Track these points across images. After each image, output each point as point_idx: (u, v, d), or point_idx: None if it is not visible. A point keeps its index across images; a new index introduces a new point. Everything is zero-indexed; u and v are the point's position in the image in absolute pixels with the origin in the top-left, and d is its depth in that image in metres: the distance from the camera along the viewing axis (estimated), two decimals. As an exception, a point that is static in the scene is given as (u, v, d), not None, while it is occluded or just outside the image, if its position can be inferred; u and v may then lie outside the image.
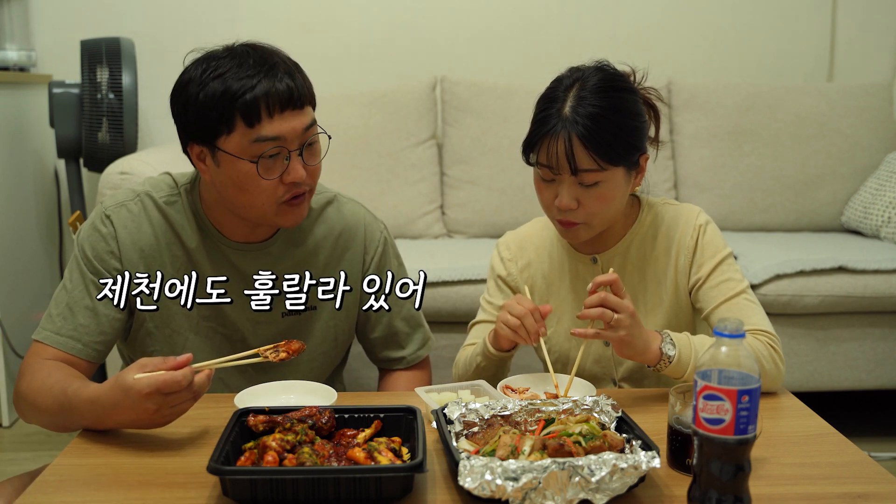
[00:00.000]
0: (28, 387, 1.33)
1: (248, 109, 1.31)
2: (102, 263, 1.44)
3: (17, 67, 3.17)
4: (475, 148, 3.11)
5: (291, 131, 1.35)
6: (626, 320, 1.31)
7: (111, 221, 1.45)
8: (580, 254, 1.56)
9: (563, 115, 1.38)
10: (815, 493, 1.08)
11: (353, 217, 1.59)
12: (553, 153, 1.39)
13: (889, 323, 2.58)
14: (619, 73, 1.47)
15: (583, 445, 1.07)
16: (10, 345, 2.83)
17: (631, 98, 1.44)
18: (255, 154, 1.33)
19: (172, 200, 1.48)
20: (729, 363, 0.97)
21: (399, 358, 1.63)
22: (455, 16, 3.38)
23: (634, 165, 1.44)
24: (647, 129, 1.48)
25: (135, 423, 1.20)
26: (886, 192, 2.96)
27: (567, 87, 1.42)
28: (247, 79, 1.32)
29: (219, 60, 1.34)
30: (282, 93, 1.33)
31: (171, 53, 3.29)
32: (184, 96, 1.36)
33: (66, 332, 1.40)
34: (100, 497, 1.07)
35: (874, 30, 3.50)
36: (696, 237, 1.50)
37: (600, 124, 1.37)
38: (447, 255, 2.71)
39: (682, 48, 3.43)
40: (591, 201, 1.41)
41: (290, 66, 1.38)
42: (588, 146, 1.36)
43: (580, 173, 1.38)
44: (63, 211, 3.35)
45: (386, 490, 1.02)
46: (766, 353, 1.39)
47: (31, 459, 2.53)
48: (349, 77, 3.32)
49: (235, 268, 1.49)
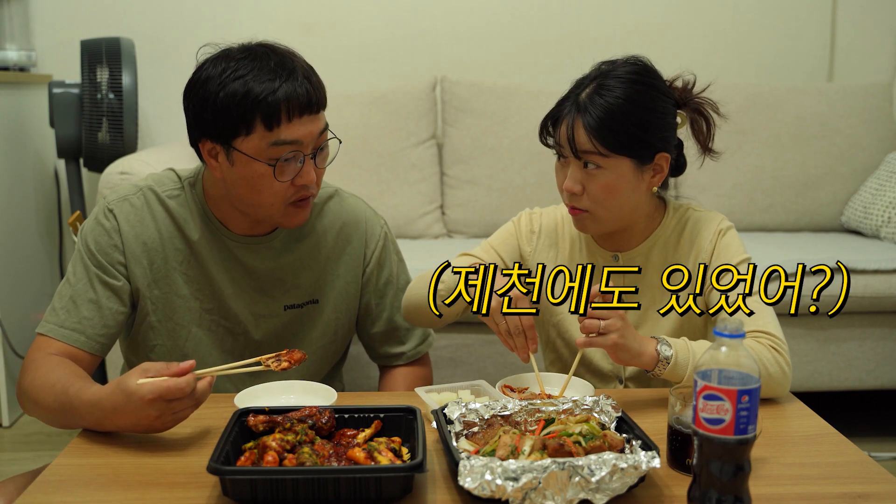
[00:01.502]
0: (31, 383, 1.34)
1: (269, 113, 1.32)
2: (106, 257, 1.45)
3: (17, 67, 3.16)
4: (475, 148, 3.11)
5: (308, 135, 1.36)
6: (615, 324, 1.30)
7: (114, 215, 1.46)
8: (602, 249, 1.56)
9: (580, 100, 1.41)
10: (815, 493, 1.08)
11: (355, 212, 1.60)
12: (560, 134, 1.42)
13: (889, 323, 2.58)
14: (649, 69, 1.48)
15: (583, 445, 1.07)
16: (10, 345, 2.83)
17: (652, 94, 1.44)
18: (273, 157, 1.35)
19: (175, 194, 1.50)
20: (729, 363, 0.97)
21: (399, 353, 1.64)
22: (455, 16, 3.38)
23: (646, 161, 1.43)
24: (670, 130, 1.46)
25: (135, 428, 1.20)
26: (886, 192, 2.96)
27: (593, 76, 1.45)
28: (268, 82, 1.32)
29: (238, 61, 1.35)
30: (301, 97, 1.34)
31: (171, 53, 3.35)
32: (201, 93, 1.36)
33: (69, 325, 1.41)
34: (100, 497, 1.07)
35: (874, 30, 3.50)
36: (714, 241, 1.50)
37: (607, 111, 1.38)
38: (447, 255, 2.69)
39: (682, 48, 3.43)
40: (595, 188, 1.42)
41: (308, 70, 1.39)
42: (589, 130, 1.38)
43: (583, 156, 1.40)
44: (63, 211, 3.35)
45: (386, 490, 1.02)
46: (769, 357, 1.36)
47: (31, 459, 2.53)
48: (349, 77, 3.32)
49: (238, 261, 1.50)
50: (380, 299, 1.62)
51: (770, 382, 1.35)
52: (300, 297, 1.55)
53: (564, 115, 1.42)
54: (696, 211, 1.55)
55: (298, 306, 1.55)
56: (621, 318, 1.31)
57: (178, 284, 1.49)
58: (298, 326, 1.56)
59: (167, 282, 1.48)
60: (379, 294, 1.62)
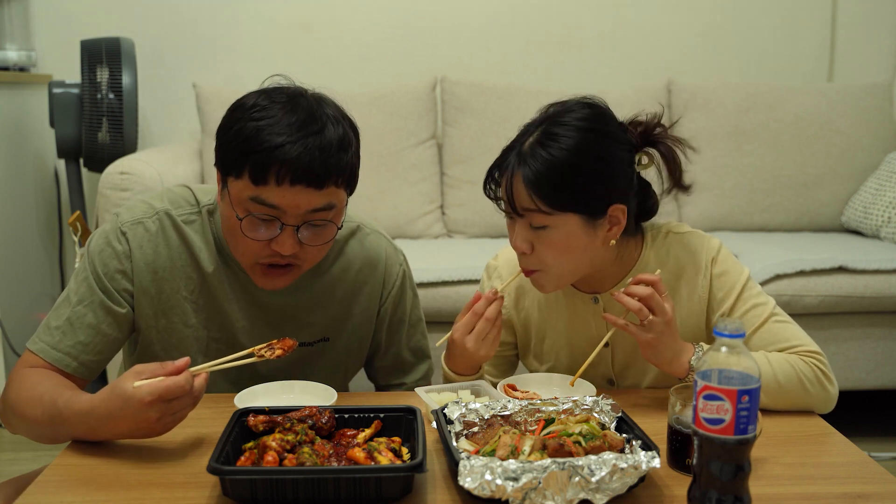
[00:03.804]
0: (16, 396, 1.28)
1: (259, 167, 1.24)
2: (113, 282, 1.38)
3: (17, 67, 3.17)
4: (475, 148, 3.11)
5: (293, 206, 1.26)
6: (659, 325, 1.27)
7: (127, 239, 1.39)
8: (581, 292, 1.48)
9: (522, 150, 1.31)
10: (815, 493, 1.08)
11: (375, 251, 1.53)
12: (502, 189, 1.34)
13: (889, 323, 2.58)
14: (601, 112, 1.35)
15: (583, 445, 1.07)
16: (10, 345, 2.83)
17: (604, 142, 1.32)
18: (247, 210, 1.27)
19: (192, 219, 1.43)
20: (729, 363, 0.97)
21: (401, 384, 1.62)
22: (455, 16, 3.39)
23: (599, 215, 1.32)
24: (624, 179, 1.35)
25: (132, 433, 1.16)
26: (886, 192, 2.96)
27: (539, 122, 1.34)
28: (277, 136, 1.23)
29: (271, 104, 1.27)
30: (300, 166, 1.23)
31: (171, 53, 3.35)
32: (226, 119, 1.31)
33: (63, 349, 1.34)
34: (100, 497, 1.06)
35: (874, 30, 3.50)
36: (708, 276, 1.42)
37: (550, 165, 1.28)
38: (447, 255, 2.71)
39: (682, 48, 3.43)
40: (543, 247, 1.33)
41: (339, 141, 1.29)
42: (529, 187, 1.29)
43: (525, 213, 1.31)
44: (63, 211, 3.35)
45: (386, 490, 1.02)
46: (810, 376, 1.31)
47: (31, 459, 2.53)
48: (349, 77, 3.32)
49: (251, 295, 1.44)
50: (391, 336, 1.58)
51: (808, 399, 1.33)
52: (311, 335, 1.50)
53: (504, 170, 1.32)
54: (675, 234, 1.46)
55: (309, 344, 1.49)
56: (668, 322, 1.28)
57: (188, 314, 1.43)
58: (307, 363, 1.51)
59: (175, 311, 1.42)
60: (391, 331, 1.58)
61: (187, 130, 3.33)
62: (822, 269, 2.51)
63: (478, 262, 2.49)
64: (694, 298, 1.43)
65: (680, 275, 1.44)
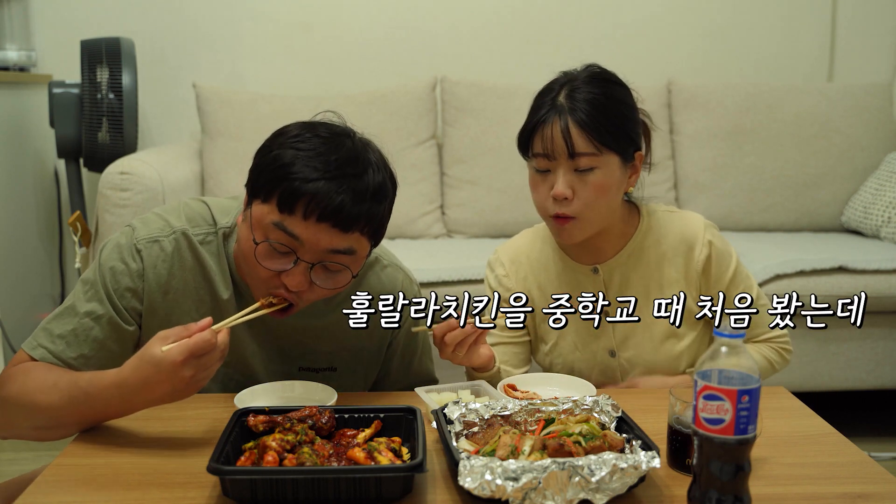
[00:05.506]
0: (21, 388, 1.25)
1: (288, 195, 1.23)
2: (123, 300, 1.35)
3: (17, 67, 3.17)
4: (475, 148, 3.11)
5: (313, 242, 1.25)
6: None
7: (141, 258, 1.36)
8: (580, 264, 1.54)
9: (558, 103, 1.41)
10: (815, 493, 1.08)
11: (391, 284, 1.51)
12: (549, 139, 1.41)
13: (889, 323, 2.59)
14: (609, 71, 1.49)
15: (583, 445, 1.07)
16: (10, 345, 2.83)
17: (623, 90, 1.46)
18: (266, 236, 1.26)
19: (209, 240, 1.40)
20: (729, 363, 0.97)
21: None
22: (455, 16, 3.39)
23: (629, 159, 1.45)
24: (640, 127, 1.49)
25: (170, 396, 1.15)
26: (886, 192, 2.96)
27: (561, 83, 1.45)
28: (312, 170, 1.23)
29: (314, 137, 1.27)
30: (329, 204, 1.22)
31: (171, 53, 3.35)
32: (267, 142, 1.31)
33: (65, 359, 1.31)
34: (100, 497, 1.06)
35: (874, 30, 3.50)
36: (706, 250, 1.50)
37: (595, 107, 1.40)
38: (447, 255, 2.71)
39: (681, 48, 3.43)
40: (586, 190, 1.41)
41: (376, 189, 1.28)
42: (585, 128, 1.39)
43: (577, 157, 1.40)
44: (63, 211, 3.35)
45: (386, 490, 1.02)
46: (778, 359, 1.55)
47: (31, 459, 2.53)
48: (349, 77, 3.32)
49: (263, 321, 1.39)
50: (400, 365, 1.58)
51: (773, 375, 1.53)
52: (318, 363, 1.49)
53: (550, 120, 1.41)
54: (671, 213, 1.56)
55: (314, 370, 1.48)
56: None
57: None
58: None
59: None
60: (402, 361, 1.57)
61: (187, 130, 3.33)
62: (821, 269, 2.52)
63: (478, 262, 2.50)
64: (691, 271, 1.51)
65: (677, 250, 1.52)
